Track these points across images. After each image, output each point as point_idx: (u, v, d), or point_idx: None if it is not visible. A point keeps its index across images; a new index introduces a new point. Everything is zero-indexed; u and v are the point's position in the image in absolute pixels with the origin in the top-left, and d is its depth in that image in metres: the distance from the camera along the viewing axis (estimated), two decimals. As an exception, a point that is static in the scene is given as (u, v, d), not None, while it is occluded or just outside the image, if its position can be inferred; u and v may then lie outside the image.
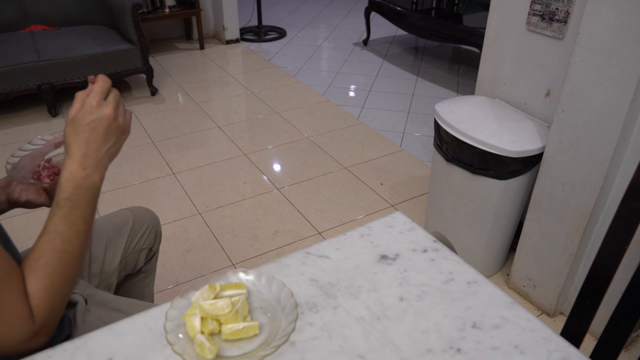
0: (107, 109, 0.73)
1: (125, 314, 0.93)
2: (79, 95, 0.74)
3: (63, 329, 0.84)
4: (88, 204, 0.71)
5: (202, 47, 4.31)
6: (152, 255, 1.23)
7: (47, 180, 0.87)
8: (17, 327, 0.61)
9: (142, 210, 1.19)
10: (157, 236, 1.21)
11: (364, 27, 4.44)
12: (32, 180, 0.87)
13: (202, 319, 0.68)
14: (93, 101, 0.73)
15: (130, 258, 1.15)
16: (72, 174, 0.70)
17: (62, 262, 0.67)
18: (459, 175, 1.72)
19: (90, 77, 0.78)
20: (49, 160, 0.93)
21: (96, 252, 1.08)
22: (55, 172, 0.89)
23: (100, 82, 0.76)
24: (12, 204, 0.91)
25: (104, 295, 0.98)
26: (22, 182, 0.89)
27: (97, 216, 1.22)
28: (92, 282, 1.06)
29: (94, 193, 0.72)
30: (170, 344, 0.64)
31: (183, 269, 1.92)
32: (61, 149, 0.94)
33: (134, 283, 1.23)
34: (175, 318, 0.69)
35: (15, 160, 0.89)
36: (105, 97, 0.75)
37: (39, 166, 0.90)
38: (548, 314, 1.71)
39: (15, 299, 0.61)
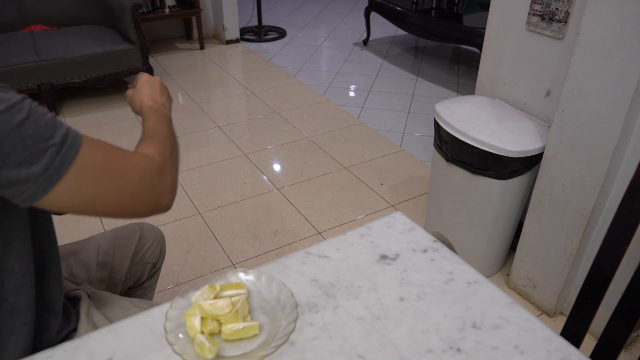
0: (155, 77, 0.99)
1: (125, 309, 0.94)
2: (129, 91, 1.00)
3: (70, 322, 0.85)
4: (169, 128, 0.87)
5: (202, 47, 4.31)
6: (155, 271, 1.26)
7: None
8: (145, 167, 0.71)
9: (149, 226, 1.24)
10: (161, 252, 1.25)
11: (364, 27, 4.44)
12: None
13: (202, 319, 0.68)
14: (144, 77, 0.99)
15: (136, 270, 1.18)
16: (150, 109, 0.89)
17: (165, 137, 0.82)
18: (459, 175, 1.72)
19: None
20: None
21: (105, 258, 1.11)
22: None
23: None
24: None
25: (107, 295, 0.99)
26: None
27: (107, 227, 1.21)
28: (99, 287, 1.07)
29: (170, 121, 0.89)
30: (170, 344, 0.64)
31: (183, 269, 1.92)
32: None
33: (134, 296, 1.24)
34: (175, 318, 0.69)
35: None
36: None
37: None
38: (548, 314, 1.71)
39: (134, 154, 0.72)
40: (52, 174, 0.60)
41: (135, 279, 1.20)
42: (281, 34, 4.76)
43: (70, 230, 2.08)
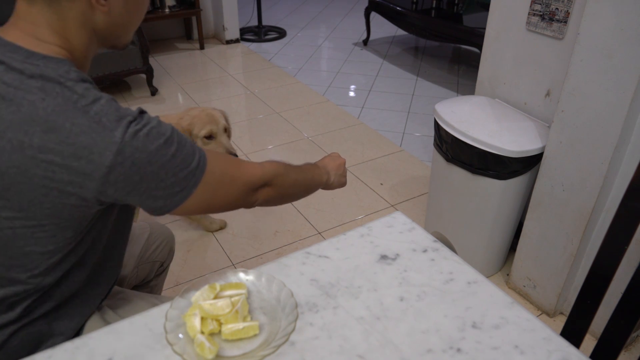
0: (345, 172, 1.14)
1: (129, 301, 0.95)
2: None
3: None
4: (315, 186, 1.02)
5: (202, 47, 4.30)
6: (162, 270, 1.28)
7: None
8: (251, 175, 0.82)
9: (159, 225, 1.26)
10: (170, 252, 1.28)
11: (364, 27, 4.44)
12: None
13: (202, 319, 0.68)
14: (341, 160, 1.13)
15: (143, 267, 1.19)
16: (325, 173, 1.05)
17: (294, 175, 0.94)
18: (459, 175, 1.72)
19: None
20: None
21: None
22: None
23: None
24: None
25: (116, 289, 1.00)
26: None
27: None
28: None
29: (320, 185, 1.04)
30: (170, 344, 0.64)
31: (183, 269, 1.92)
32: None
33: None
34: (175, 318, 0.69)
35: None
36: None
37: None
38: (548, 314, 1.71)
39: (250, 163, 0.84)
40: (185, 194, 0.72)
41: (141, 278, 1.20)
42: (281, 34, 4.76)
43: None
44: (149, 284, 1.25)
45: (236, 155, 1.77)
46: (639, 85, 1.23)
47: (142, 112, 0.69)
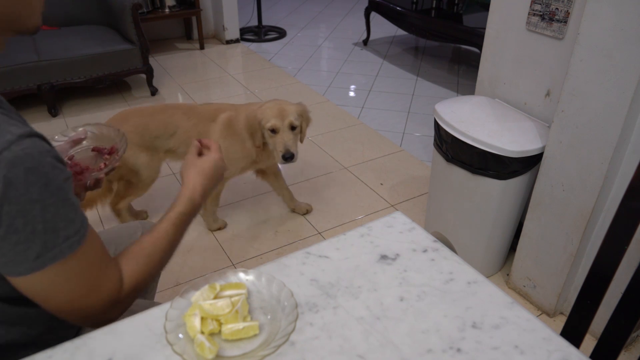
0: (225, 166, 0.98)
1: (130, 310, 0.94)
2: (195, 146, 0.97)
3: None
4: (190, 222, 0.88)
5: (202, 47, 4.30)
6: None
7: None
8: (107, 295, 0.72)
9: (150, 224, 1.24)
10: None
11: (364, 27, 4.44)
12: None
13: (202, 319, 0.68)
14: (220, 154, 0.97)
15: None
16: (192, 200, 0.88)
17: (159, 259, 0.81)
18: (459, 175, 1.72)
19: (196, 143, 0.99)
20: (71, 158, 0.94)
21: None
22: (77, 172, 0.90)
23: (217, 143, 1.00)
24: None
25: None
26: None
27: (107, 226, 1.20)
28: None
29: (194, 215, 0.89)
30: (170, 344, 0.64)
31: (183, 269, 1.92)
32: (82, 146, 0.96)
33: None
34: (175, 318, 0.69)
35: None
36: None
37: None
38: (548, 314, 1.71)
39: (113, 273, 0.73)
40: (39, 263, 0.63)
41: None
42: (281, 34, 4.76)
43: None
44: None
45: (291, 156, 1.78)
46: (639, 85, 1.23)
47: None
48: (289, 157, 1.79)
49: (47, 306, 0.69)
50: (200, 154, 0.98)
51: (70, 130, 0.98)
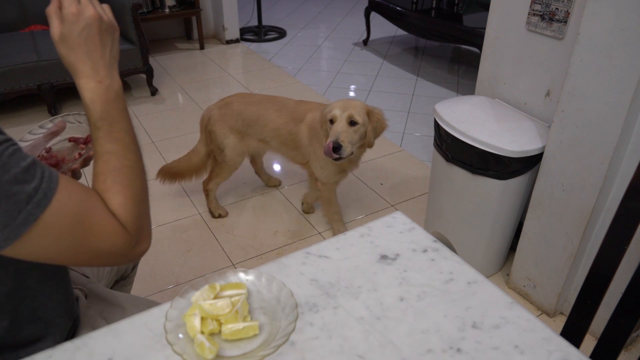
0: (89, 11, 0.68)
1: (123, 308, 0.94)
2: (51, 10, 0.68)
3: (73, 318, 0.85)
4: (122, 114, 0.71)
5: (202, 47, 4.30)
6: (136, 262, 1.29)
7: None
8: (117, 240, 0.65)
9: None
10: None
11: (364, 27, 4.44)
12: None
13: (202, 319, 0.68)
14: (72, 8, 0.67)
15: None
16: (92, 92, 0.68)
17: (127, 176, 0.69)
18: (459, 175, 1.72)
19: None
20: (48, 150, 0.93)
21: None
22: (52, 163, 0.89)
23: None
24: None
25: (103, 290, 1.00)
26: None
27: None
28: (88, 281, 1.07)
29: (122, 101, 0.71)
30: (170, 344, 0.64)
31: (183, 269, 1.92)
32: (60, 137, 0.94)
33: (118, 288, 1.27)
34: (175, 318, 0.69)
35: None
36: None
37: (38, 156, 0.90)
38: (548, 314, 1.71)
39: (104, 217, 0.65)
40: (10, 233, 0.56)
41: (122, 272, 1.21)
42: (281, 34, 4.76)
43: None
44: (128, 277, 1.26)
45: (339, 147, 1.64)
46: (639, 85, 1.23)
47: None
48: (336, 146, 1.65)
49: (62, 263, 0.64)
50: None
51: (48, 122, 0.96)
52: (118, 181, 0.68)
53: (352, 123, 1.70)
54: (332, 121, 1.72)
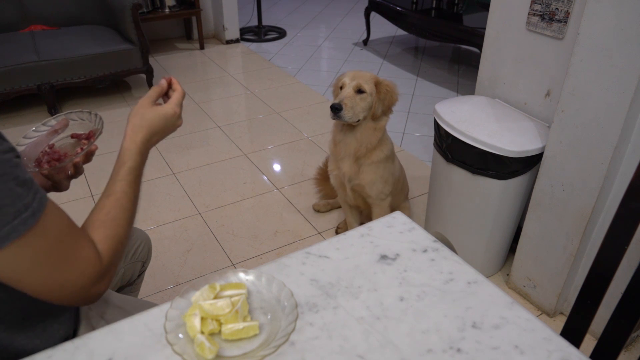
0: (180, 122, 0.93)
1: (125, 311, 0.94)
2: (178, 99, 0.96)
3: (73, 320, 0.85)
4: (142, 174, 0.86)
5: (202, 47, 4.30)
6: (143, 269, 1.29)
7: (46, 166, 0.88)
8: (88, 268, 0.68)
9: (135, 228, 1.25)
10: (149, 252, 1.29)
11: (364, 27, 4.44)
12: (31, 167, 0.88)
13: (202, 319, 0.68)
14: (178, 109, 0.93)
15: (129, 268, 1.20)
16: (141, 153, 0.84)
17: (126, 217, 0.78)
18: (459, 175, 1.72)
19: (167, 78, 1.01)
20: (51, 146, 0.94)
21: None
22: (55, 158, 0.90)
23: (182, 93, 0.98)
24: None
25: (106, 293, 0.99)
26: None
27: None
28: None
29: (144, 166, 0.87)
30: (170, 344, 0.64)
31: (183, 269, 1.92)
32: (63, 134, 0.96)
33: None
34: (175, 318, 0.69)
35: (20, 148, 0.90)
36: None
37: (41, 153, 0.91)
38: (548, 314, 1.71)
39: (85, 245, 0.69)
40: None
41: (127, 278, 1.21)
42: (281, 34, 4.76)
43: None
44: (133, 283, 1.27)
45: (339, 107, 1.63)
46: (639, 85, 1.23)
47: None
48: (337, 106, 1.64)
49: (22, 287, 0.64)
50: (167, 94, 0.99)
51: (51, 120, 0.98)
52: (119, 218, 0.77)
53: (359, 91, 1.70)
54: (341, 88, 1.73)
